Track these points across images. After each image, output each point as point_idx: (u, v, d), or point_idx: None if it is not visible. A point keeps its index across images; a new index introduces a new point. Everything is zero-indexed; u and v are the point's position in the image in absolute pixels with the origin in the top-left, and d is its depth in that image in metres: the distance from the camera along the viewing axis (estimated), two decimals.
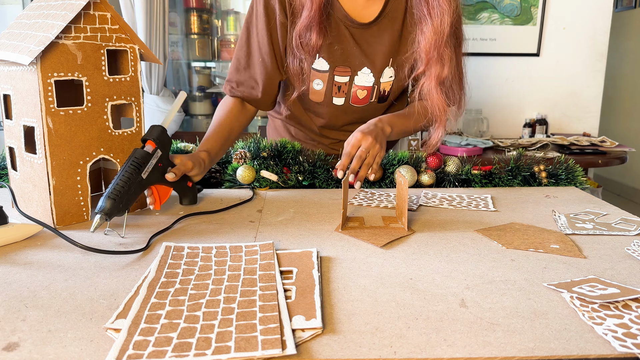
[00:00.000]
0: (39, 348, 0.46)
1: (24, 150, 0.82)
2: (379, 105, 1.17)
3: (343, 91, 1.13)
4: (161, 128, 0.85)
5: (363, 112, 1.17)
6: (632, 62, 3.87)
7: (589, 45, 2.89)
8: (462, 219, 0.86)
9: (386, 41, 1.08)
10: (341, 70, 1.10)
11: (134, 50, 0.86)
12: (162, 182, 0.85)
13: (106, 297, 0.57)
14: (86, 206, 0.83)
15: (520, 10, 2.84)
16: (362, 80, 1.11)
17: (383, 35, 1.08)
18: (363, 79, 1.11)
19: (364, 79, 1.11)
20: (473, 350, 0.46)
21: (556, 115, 2.97)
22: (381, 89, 1.13)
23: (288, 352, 0.45)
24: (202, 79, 3.17)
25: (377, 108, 1.18)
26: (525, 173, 1.10)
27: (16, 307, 0.54)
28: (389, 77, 1.12)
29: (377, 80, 1.11)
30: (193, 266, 0.64)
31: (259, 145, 1.09)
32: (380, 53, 1.09)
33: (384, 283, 0.60)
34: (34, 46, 0.73)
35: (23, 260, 0.67)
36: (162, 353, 0.45)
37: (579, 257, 0.69)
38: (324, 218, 0.86)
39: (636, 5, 3.82)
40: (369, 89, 1.13)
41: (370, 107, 1.17)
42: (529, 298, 0.57)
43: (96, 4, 0.80)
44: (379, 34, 1.08)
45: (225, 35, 3.06)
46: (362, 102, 1.15)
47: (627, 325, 0.50)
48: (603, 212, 0.90)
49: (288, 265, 0.64)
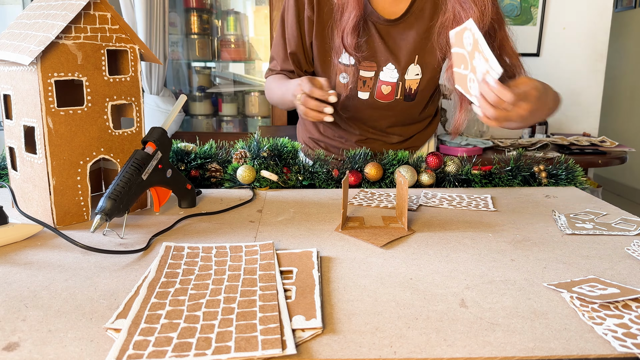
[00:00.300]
0: (39, 348, 0.46)
1: (24, 150, 0.82)
2: (406, 103, 1.19)
3: (368, 86, 1.14)
4: (162, 130, 0.85)
5: (389, 108, 1.19)
6: (632, 62, 3.87)
7: (589, 45, 2.89)
8: (462, 219, 0.86)
9: (411, 38, 1.10)
10: (366, 65, 1.12)
11: (134, 50, 0.86)
12: (161, 183, 0.85)
13: (106, 297, 0.57)
14: (86, 206, 0.83)
15: (520, 10, 2.84)
16: (386, 75, 1.14)
17: (409, 33, 1.10)
18: (387, 74, 1.13)
19: (388, 75, 1.13)
20: (473, 350, 0.46)
21: (556, 115, 2.97)
22: (406, 86, 1.15)
23: (288, 352, 0.45)
24: (202, 79, 3.17)
25: (404, 107, 1.20)
26: (525, 173, 1.10)
27: (16, 307, 0.54)
28: (414, 74, 1.13)
29: (401, 76, 1.13)
30: (193, 266, 0.64)
31: (259, 145, 1.10)
32: (405, 49, 1.11)
33: (384, 283, 0.60)
34: (34, 46, 0.73)
35: (23, 260, 0.67)
36: (162, 353, 0.45)
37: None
38: (324, 218, 0.86)
39: (636, 5, 3.82)
40: (393, 85, 1.14)
41: (398, 104, 1.19)
42: (529, 298, 0.57)
43: (96, 4, 0.80)
44: (405, 31, 1.10)
45: (225, 35, 3.06)
46: (387, 98, 1.16)
47: (627, 325, 0.50)
48: (603, 212, 0.90)
49: (288, 265, 0.64)
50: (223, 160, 1.12)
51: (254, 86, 3.16)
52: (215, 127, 3.19)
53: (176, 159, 1.09)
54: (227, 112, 3.14)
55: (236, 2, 3.10)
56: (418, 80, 1.14)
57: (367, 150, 1.10)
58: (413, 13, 1.09)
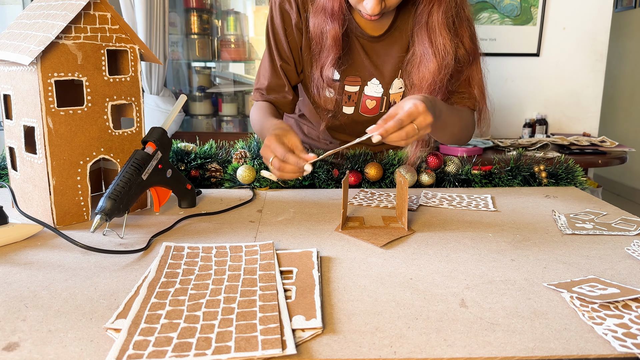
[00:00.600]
0: (39, 348, 0.46)
1: (24, 150, 0.82)
2: None
3: (353, 100, 1.13)
4: (161, 130, 0.85)
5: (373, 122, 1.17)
6: (632, 62, 3.87)
7: (589, 45, 2.89)
8: (462, 219, 0.86)
9: (395, 53, 1.09)
10: (351, 80, 1.10)
11: (134, 50, 0.86)
12: (161, 183, 0.85)
13: (106, 297, 0.57)
14: (86, 206, 0.83)
15: (520, 10, 2.84)
16: (371, 90, 1.12)
17: (392, 48, 1.09)
18: (372, 89, 1.12)
19: (372, 90, 1.12)
20: (473, 350, 0.46)
21: (556, 115, 2.97)
22: (391, 100, 1.14)
23: (288, 352, 0.45)
24: (202, 79, 3.17)
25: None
26: (525, 173, 1.10)
27: (16, 307, 0.54)
28: (398, 88, 1.12)
29: (386, 91, 1.12)
30: (193, 266, 0.64)
31: (259, 145, 1.09)
32: (389, 65, 1.10)
33: (384, 283, 0.60)
34: (34, 46, 0.73)
35: (23, 260, 0.67)
36: (162, 353, 0.45)
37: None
38: (324, 218, 0.86)
39: (636, 5, 3.82)
40: (377, 99, 1.13)
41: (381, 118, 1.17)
42: (529, 298, 0.57)
43: (96, 4, 0.80)
44: (389, 46, 1.09)
45: (225, 35, 3.06)
46: (371, 112, 1.15)
47: (627, 325, 0.50)
48: (603, 212, 0.90)
49: (288, 265, 0.64)
50: (223, 160, 1.12)
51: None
52: (215, 127, 3.19)
53: (176, 159, 1.09)
54: (227, 112, 3.14)
55: (236, 2, 3.10)
56: (402, 93, 1.13)
57: (367, 150, 1.10)
58: (397, 28, 1.07)
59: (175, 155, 1.09)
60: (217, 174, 1.10)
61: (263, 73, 1.14)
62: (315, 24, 1.02)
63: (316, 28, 1.03)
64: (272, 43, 1.11)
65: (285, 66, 1.11)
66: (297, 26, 1.07)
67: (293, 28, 1.07)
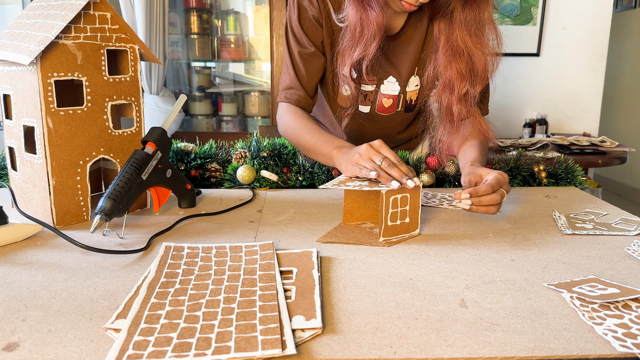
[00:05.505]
0: (39, 348, 0.46)
1: (24, 150, 0.82)
2: (406, 114, 1.17)
3: (369, 99, 1.13)
4: (161, 130, 0.85)
5: (389, 120, 1.17)
6: (632, 62, 3.87)
7: (589, 45, 2.89)
8: (462, 219, 0.86)
9: (412, 50, 1.09)
10: (368, 78, 1.10)
11: (134, 50, 0.86)
12: (161, 183, 0.85)
13: (106, 297, 0.57)
14: (86, 206, 0.83)
15: (520, 10, 2.84)
16: (387, 88, 1.12)
17: (409, 45, 1.08)
18: (389, 87, 1.12)
19: (389, 88, 1.12)
20: (473, 351, 0.46)
21: (556, 115, 2.97)
22: (407, 98, 1.13)
23: (288, 352, 0.45)
24: (202, 79, 3.17)
25: (404, 117, 1.18)
26: (525, 173, 1.10)
27: (16, 307, 0.54)
28: (414, 85, 1.12)
29: (402, 89, 1.12)
30: (193, 266, 0.64)
31: (259, 145, 1.10)
32: (406, 62, 1.09)
33: (384, 283, 0.60)
34: (34, 46, 0.73)
35: (23, 260, 0.67)
36: (162, 353, 0.45)
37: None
38: (324, 218, 0.86)
39: (636, 5, 3.82)
40: (394, 97, 1.13)
41: (398, 116, 1.17)
42: (529, 298, 0.57)
43: (96, 4, 0.80)
44: (406, 44, 1.08)
45: (225, 35, 3.06)
46: (388, 111, 1.15)
47: (627, 325, 0.50)
48: (603, 212, 0.90)
49: (288, 265, 0.64)
50: (223, 160, 1.12)
51: (253, 86, 3.16)
52: (215, 127, 3.19)
53: (176, 159, 1.09)
54: (227, 112, 3.14)
55: (236, 2, 3.10)
56: (418, 90, 1.13)
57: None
58: (411, 24, 1.07)
59: (175, 155, 1.09)
60: (217, 174, 1.10)
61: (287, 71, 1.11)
62: (354, 13, 0.98)
63: (355, 17, 0.98)
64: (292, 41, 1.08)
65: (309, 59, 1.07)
66: (317, 21, 1.06)
67: (313, 22, 1.06)
